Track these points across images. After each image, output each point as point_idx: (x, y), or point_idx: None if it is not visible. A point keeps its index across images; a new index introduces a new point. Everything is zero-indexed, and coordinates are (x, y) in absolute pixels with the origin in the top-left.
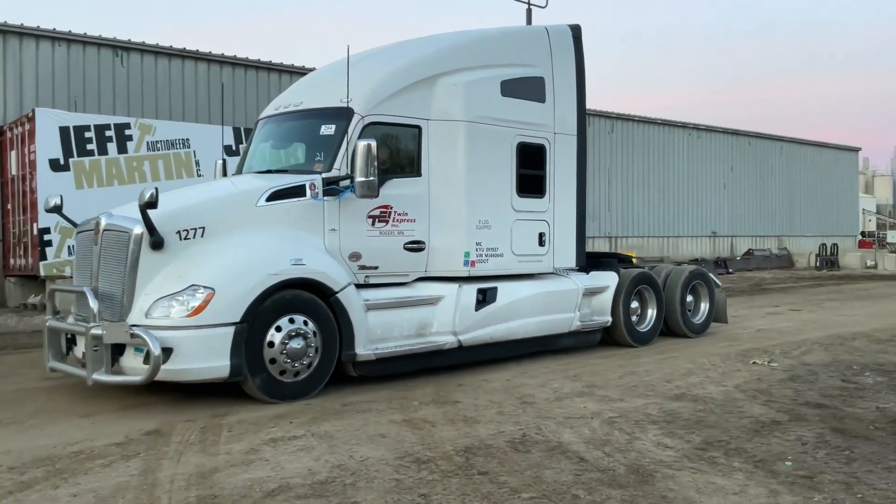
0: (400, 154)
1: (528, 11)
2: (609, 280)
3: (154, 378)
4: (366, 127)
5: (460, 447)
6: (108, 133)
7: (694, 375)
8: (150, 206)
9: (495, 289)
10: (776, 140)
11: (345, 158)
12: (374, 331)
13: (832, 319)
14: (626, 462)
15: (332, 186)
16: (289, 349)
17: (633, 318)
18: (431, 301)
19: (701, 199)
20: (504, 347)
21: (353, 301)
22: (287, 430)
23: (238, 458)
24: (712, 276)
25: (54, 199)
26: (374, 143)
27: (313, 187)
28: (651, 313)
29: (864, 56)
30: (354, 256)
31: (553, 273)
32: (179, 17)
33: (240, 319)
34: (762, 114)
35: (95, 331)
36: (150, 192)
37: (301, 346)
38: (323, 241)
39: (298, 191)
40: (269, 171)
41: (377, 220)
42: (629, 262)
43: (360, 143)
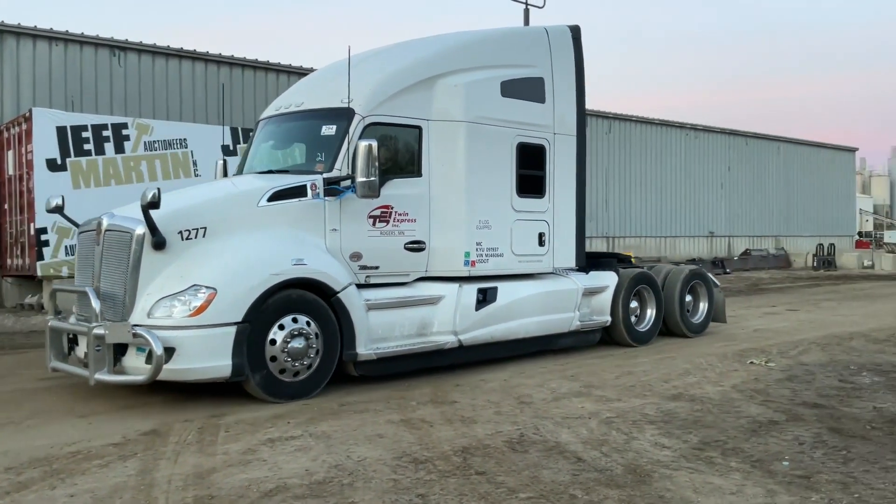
0: (400, 154)
1: (526, 11)
2: (608, 280)
3: (156, 378)
4: (366, 127)
5: (458, 447)
6: (105, 133)
7: (691, 375)
8: (152, 206)
9: (495, 289)
10: (773, 140)
11: (346, 159)
12: (376, 330)
13: (829, 319)
14: (623, 462)
15: (333, 187)
16: (290, 349)
17: (633, 318)
18: (432, 301)
19: (698, 199)
20: (504, 347)
21: (354, 301)
22: (284, 431)
23: (235, 459)
24: (711, 276)
25: (56, 200)
26: (375, 144)
27: (314, 187)
28: (650, 313)
29: (862, 56)
30: (355, 256)
31: (553, 273)
32: (176, 17)
33: (241, 319)
34: (759, 114)
35: (98, 331)
36: (153, 193)
37: (302, 345)
38: (324, 241)
39: (300, 191)
40: (270, 172)
41: (378, 220)
42: (628, 262)
43: (361, 144)
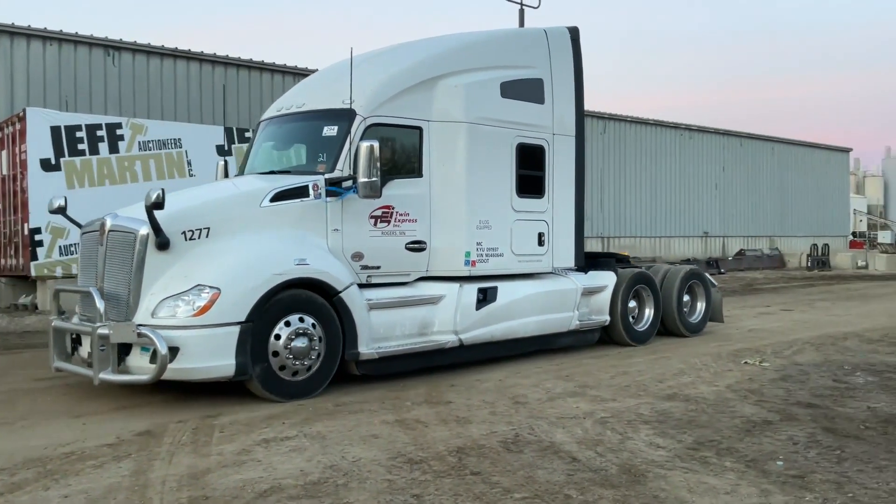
0: (401, 155)
1: (521, 12)
2: (607, 280)
3: (161, 377)
4: (368, 128)
5: (453, 447)
6: (99, 133)
7: (686, 375)
8: (156, 206)
9: (495, 288)
10: (768, 141)
11: (347, 159)
12: (377, 330)
13: (823, 319)
14: (618, 462)
15: (334, 187)
16: (293, 348)
17: (631, 318)
18: (433, 300)
19: (693, 199)
20: (504, 346)
21: (356, 300)
22: (279, 431)
23: (230, 459)
24: (708, 276)
25: (58, 201)
26: (376, 144)
27: (316, 188)
28: (648, 313)
29: (856, 57)
30: (357, 256)
31: (552, 273)
32: (176, 17)
33: (245, 319)
34: (754, 114)
35: (102, 330)
36: (157, 194)
37: (305, 345)
38: (326, 241)
39: (302, 191)
40: (272, 172)
41: (379, 220)
42: (627, 262)
43: (363, 144)
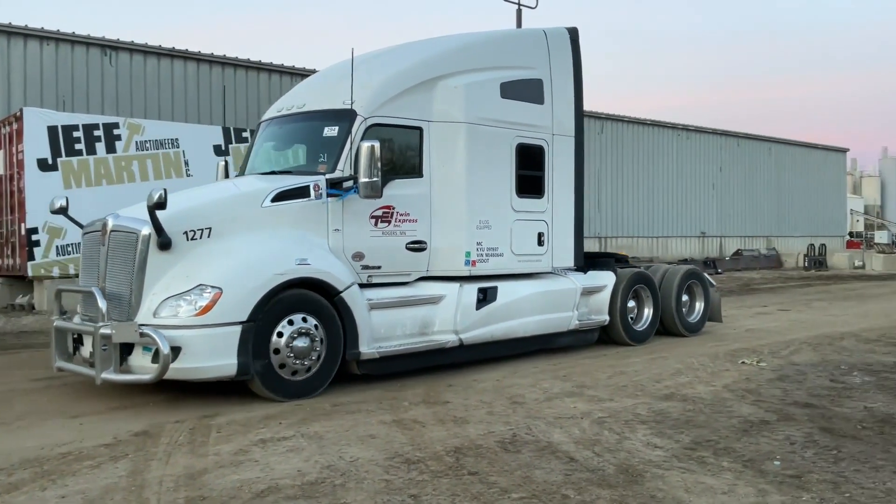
0: (402, 155)
1: (518, 12)
2: (606, 280)
3: (163, 377)
4: (368, 128)
5: (450, 447)
6: (96, 133)
7: (683, 375)
8: (158, 206)
9: (495, 288)
10: (765, 141)
11: (348, 159)
12: (378, 329)
13: (820, 319)
14: (615, 462)
15: (335, 187)
16: (294, 348)
17: (630, 318)
18: (433, 300)
19: (690, 199)
20: (504, 346)
21: (356, 300)
22: (276, 431)
23: (227, 459)
24: (707, 275)
25: (60, 201)
26: (377, 145)
27: (317, 188)
28: (647, 312)
29: (854, 58)
30: (358, 256)
31: (552, 273)
32: (171, 16)
33: (247, 319)
34: (751, 114)
35: (104, 330)
36: (160, 194)
37: (306, 344)
38: (327, 241)
39: (303, 192)
40: (273, 173)
41: (380, 220)
42: (626, 261)
43: (364, 145)
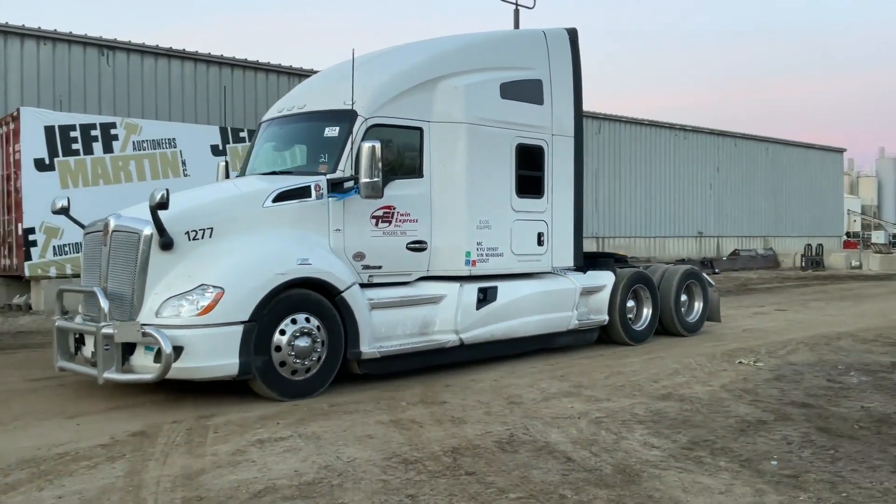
0: (402, 155)
1: (516, 12)
2: (606, 279)
3: (165, 376)
4: (369, 129)
5: (448, 447)
6: (93, 132)
7: (680, 375)
8: (160, 207)
9: (496, 288)
10: (762, 141)
11: (349, 160)
12: (379, 329)
13: (817, 319)
14: (612, 462)
15: (336, 187)
16: (296, 347)
17: (630, 317)
18: (434, 300)
19: (687, 199)
20: (504, 345)
21: (357, 300)
22: (274, 431)
23: (224, 460)
24: (706, 275)
25: (61, 202)
26: (378, 145)
27: (318, 188)
28: (646, 312)
29: (851, 58)
30: (358, 256)
31: (551, 272)
32: (167, 16)
33: (248, 318)
34: (749, 114)
35: (107, 330)
36: (162, 194)
37: (308, 344)
38: (328, 241)
39: (304, 192)
40: (274, 173)
41: (380, 220)
42: (625, 261)
43: (365, 145)
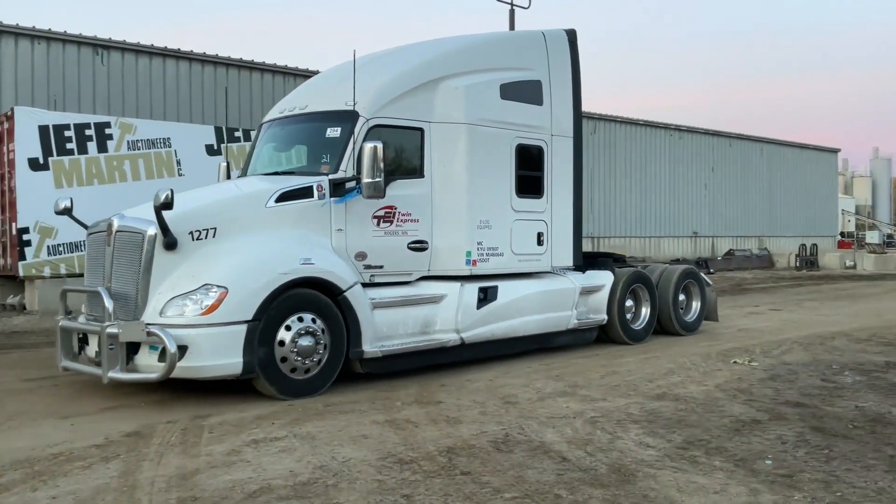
0: (403, 156)
1: (511, 12)
2: (605, 279)
3: (170, 375)
4: (371, 129)
5: (443, 447)
6: (88, 132)
7: (675, 375)
8: (165, 207)
9: (496, 287)
10: (757, 141)
11: (351, 160)
12: (381, 328)
13: (812, 319)
14: (607, 461)
15: (338, 188)
16: (299, 347)
17: (628, 317)
18: (435, 299)
19: (682, 199)
20: (505, 345)
21: (359, 299)
22: (269, 432)
23: (219, 460)
24: (703, 275)
25: (64, 202)
26: (380, 146)
27: (320, 188)
28: (645, 311)
29: (846, 59)
30: (360, 256)
31: (551, 272)
32: (164, 16)
33: (252, 318)
34: (743, 115)
35: (111, 329)
36: (166, 194)
37: (310, 343)
38: (330, 240)
39: (306, 192)
40: (276, 174)
41: (382, 220)
42: (623, 261)
43: (367, 146)
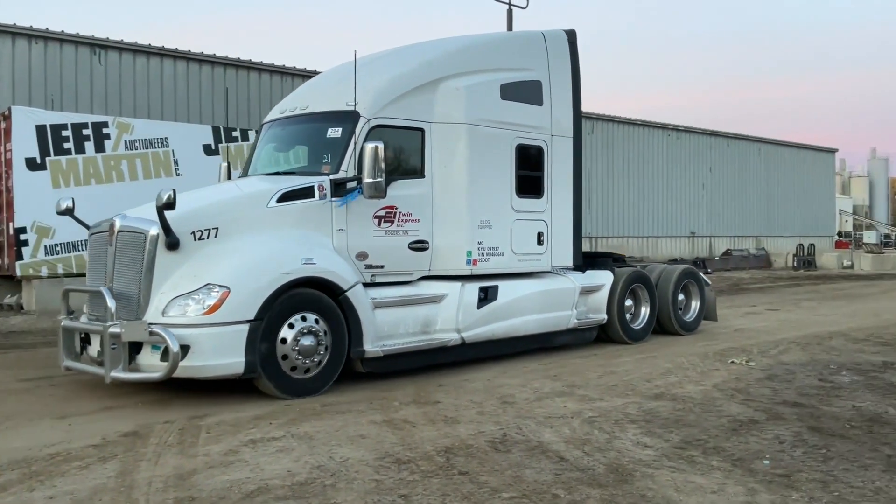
0: (404, 156)
1: (509, 12)
2: (604, 279)
3: (172, 375)
4: (372, 130)
5: (441, 447)
6: (85, 132)
7: (673, 375)
8: (167, 207)
9: (496, 287)
10: (754, 141)
11: (352, 160)
12: (382, 328)
13: (809, 319)
14: (605, 461)
15: (339, 188)
16: (300, 346)
17: (628, 316)
18: (435, 299)
19: (680, 199)
20: (505, 344)
21: (361, 299)
22: (266, 432)
23: (217, 460)
24: (702, 275)
25: (66, 202)
26: (381, 146)
27: (322, 188)
28: (644, 311)
29: (843, 59)
30: (361, 256)
31: (551, 272)
32: (161, 15)
33: (254, 317)
34: (740, 115)
35: (114, 329)
36: (168, 195)
37: (312, 343)
38: (331, 240)
39: (308, 192)
40: (277, 174)
41: (383, 220)
42: (623, 261)
43: (368, 146)
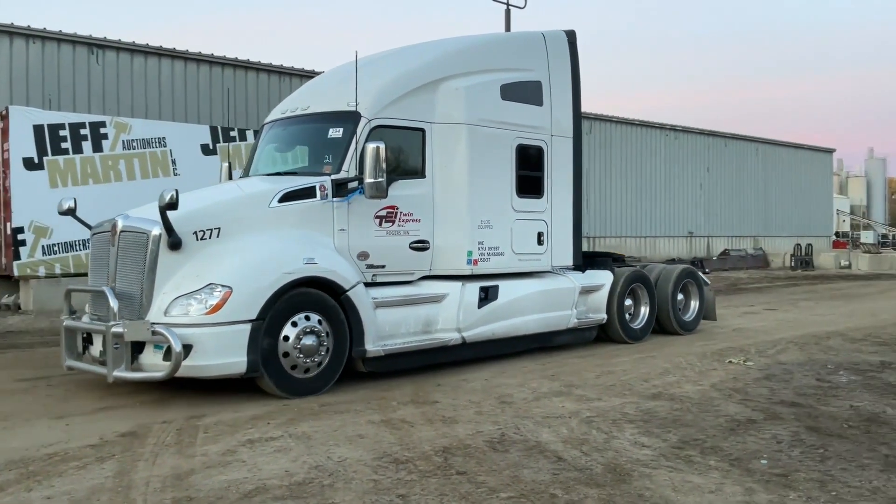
0: (405, 156)
1: (507, 12)
2: (604, 278)
3: (175, 374)
4: (373, 130)
5: (439, 447)
6: (82, 131)
7: (671, 375)
8: (170, 207)
9: (497, 287)
10: (752, 141)
11: (353, 160)
12: (383, 327)
13: (807, 319)
14: (603, 461)
15: (341, 188)
16: (302, 346)
17: (627, 316)
18: (436, 299)
19: (678, 199)
20: (505, 344)
21: (362, 299)
22: (264, 432)
23: (214, 460)
24: (702, 275)
25: (68, 202)
26: (382, 146)
27: (323, 189)
28: (644, 311)
29: (841, 59)
30: (363, 255)
31: (551, 272)
32: (159, 15)
33: (256, 317)
34: (738, 115)
35: (116, 329)
36: (171, 195)
37: (314, 342)
38: (333, 240)
39: (309, 192)
40: (278, 174)
41: (384, 220)
42: (622, 261)
43: (370, 146)
